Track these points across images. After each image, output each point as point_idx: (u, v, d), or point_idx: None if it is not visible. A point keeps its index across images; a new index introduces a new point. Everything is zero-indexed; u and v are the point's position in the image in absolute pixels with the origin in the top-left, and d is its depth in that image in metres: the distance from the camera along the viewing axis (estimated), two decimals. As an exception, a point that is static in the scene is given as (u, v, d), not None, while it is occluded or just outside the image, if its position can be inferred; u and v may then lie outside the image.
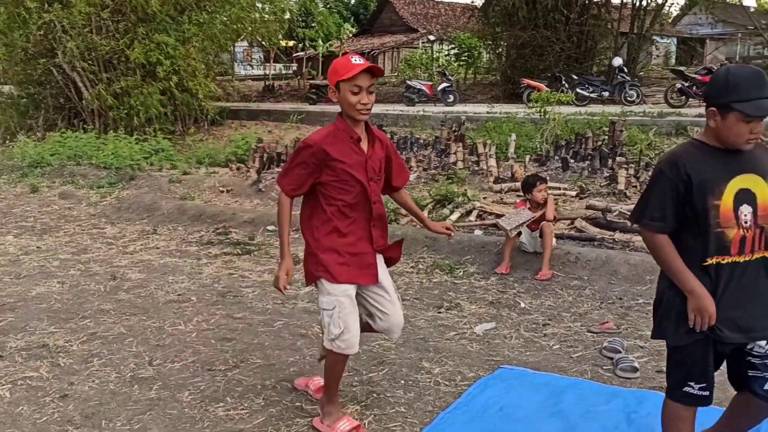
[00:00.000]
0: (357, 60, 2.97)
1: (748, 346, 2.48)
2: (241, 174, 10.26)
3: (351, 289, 3.11)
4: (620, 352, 4.20)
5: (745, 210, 2.42)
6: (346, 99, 2.97)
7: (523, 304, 5.24)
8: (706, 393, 2.54)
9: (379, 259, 3.23)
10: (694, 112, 14.53)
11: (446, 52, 28.89)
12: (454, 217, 7.52)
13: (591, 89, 18.25)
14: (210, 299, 5.39)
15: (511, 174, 9.36)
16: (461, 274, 5.99)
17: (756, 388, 2.50)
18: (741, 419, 2.72)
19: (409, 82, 21.40)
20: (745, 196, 2.43)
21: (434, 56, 30.02)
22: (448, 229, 3.52)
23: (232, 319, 4.93)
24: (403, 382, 3.90)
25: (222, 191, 9.60)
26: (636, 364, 4.00)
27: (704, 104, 2.48)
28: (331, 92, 3.04)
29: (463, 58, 26.42)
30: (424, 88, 20.44)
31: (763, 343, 2.46)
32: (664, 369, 3.97)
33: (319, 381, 3.73)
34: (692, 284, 2.43)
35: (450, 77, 21.27)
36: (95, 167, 11.11)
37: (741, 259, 2.43)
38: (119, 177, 10.37)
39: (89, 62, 15.63)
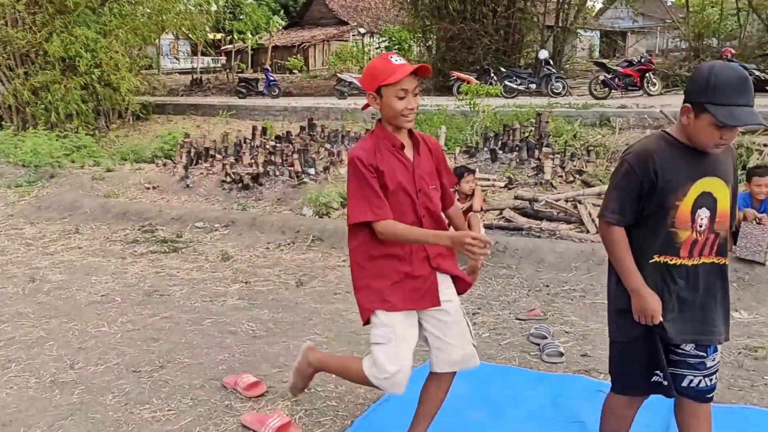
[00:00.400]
0: (398, 60, 2.61)
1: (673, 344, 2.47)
2: (168, 170, 10.01)
3: (407, 318, 2.75)
4: (546, 337, 4.30)
5: (703, 214, 2.38)
6: (391, 106, 2.60)
7: (453, 294, 5.29)
8: (666, 382, 2.48)
9: (446, 281, 2.82)
10: (617, 103, 14.96)
11: (377, 45, 28.91)
12: (386, 209, 7.53)
13: (519, 81, 18.57)
14: (135, 299, 5.24)
15: (441, 166, 9.43)
16: (393, 266, 6.00)
17: (675, 384, 2.50)
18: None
19: (340, 75, 21.27)
20: (705, 200, 2.38)
21: (365, 49, 30.00)
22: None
23: (158, 319, 4.81)
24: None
25: (148, 188, 9.35)
26: (561, 349, 4.10)
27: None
28: (370, 99, 2.66)
29: (394, 50, 26.50)
30: (355, 81, 20.33)
31: (688, 347, 2.45)
32: (589, 353, 4.12)
33: (248, 378, 3.68)
34: (636, 283, 2.40)
35: (381, 70, 21.26)
36: (13, 165, 10.63)
37: (689, 262, 2.41)
38: (38, 175, 9.96)
39: (5, 56, 14.95)
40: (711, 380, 2.49)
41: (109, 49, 15.44)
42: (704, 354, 2.45)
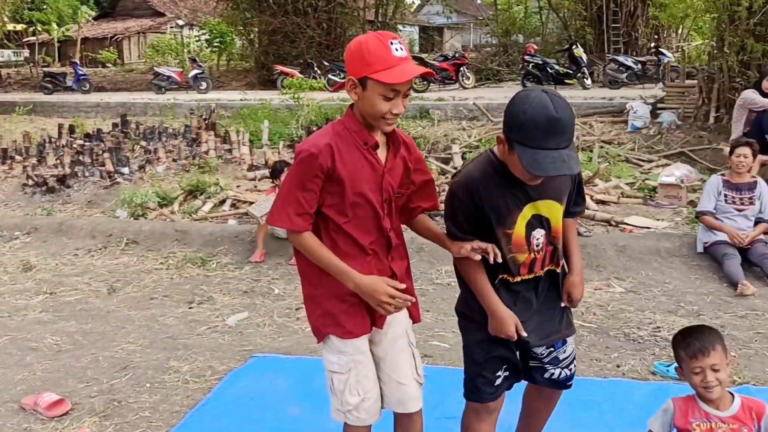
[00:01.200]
0: (399, 50, 2.09)
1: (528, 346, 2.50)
2: (-41, 174, 9.01)
3: (366, 343, 2.33)
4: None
5: (538, 234, 2.33)
6: (374, 104, 2.10)
7: (277, 291, 5.24)
8: (507, 373, 2.46)
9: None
10: (435, 96, 15.62)
11: (197, 38, 27.94)
12: (207, 208, 7.29)
13: (342, 76, 18.78)
14: None
15: (264, 161, 9.31)
16: (214, 266, 5.83)
17: (537, 376, 2.54)
18: (535, 418, 2.73)
19: (157, 69, 20.36)
20: (538, 222, 2.33)
21: (184, 42, 28.90)
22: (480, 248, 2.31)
23: (-56, 341, 4.31)
24: (148, 385, 3.68)
25: (-66, 195, 8.36)
26: (381, 337, 4.18)
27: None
28: (349, 85, 2.13)
29: (215, 44, 25.73)
30: (174, 75, 19.58)
31: (539, 349, 2.48)
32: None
33: (50, 397, 3.39)
34: (492, 304, 2.33)
35: (201, 64, 20.61)
36: None
37: (529, 276, 2.39)
38: None
39: None
40: (570, 369, 2.57)
41: None
42: (553, 349, 2.52)
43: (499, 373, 2.44)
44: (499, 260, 2.28)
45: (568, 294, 2.48)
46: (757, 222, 5.32)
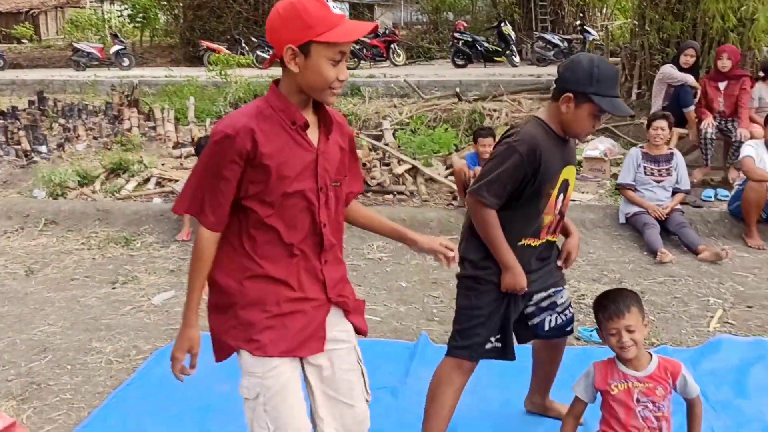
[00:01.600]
0: (336, 8, 1.87)
1: (524, 302, 2.64)
2: None
3: (287, 365, 1.96)
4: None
5: (560, 198, 2.55)
6: (321, 72, 1.82)
7: (205, 269, 5.12)
8: (500, 345, 2.60)
9: (338, 315, 2.07)
10: (366, 73, 15.53)
11: (119, 13, 26.92)
12: (131, 186, 7.07)
13: (271, 52, 18.48)
14: None
15: (191, 138, 9.08)
16: (139, 245, 5.65)
17: (539, 331, 2.72)
18: (547, 366, 2.95)
19: (76, 45, 19.51)
20: (564, 186, 2.55)
21: (105, 17, 27.80)
22: (448, 248, 2.16)
23: None
24: (69, 367, 3.56)
25: None
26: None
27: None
28: (288, 55, 1.81)
29: (138, 19, 24.84)
30: (94, 51, 18.82)
31: (539, 296, 2.66)
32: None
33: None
34: (511, 261, 2.48)
35: (123, 40, 19.90)
36: None
37: (543, 240, 2.58)
38: None
39: None
40: (566, 315, 2.76)
41: None
42: (552, 295, 2.69)
43: (492, 338, 2.58)
44: (454, 266, 2.24)
45: (568, 254, 2.69)
46: (674, 192, 5.53)
